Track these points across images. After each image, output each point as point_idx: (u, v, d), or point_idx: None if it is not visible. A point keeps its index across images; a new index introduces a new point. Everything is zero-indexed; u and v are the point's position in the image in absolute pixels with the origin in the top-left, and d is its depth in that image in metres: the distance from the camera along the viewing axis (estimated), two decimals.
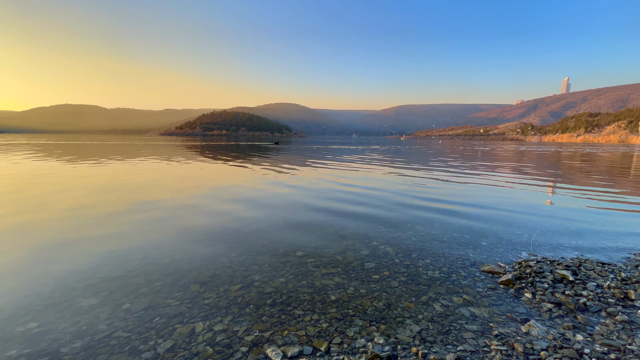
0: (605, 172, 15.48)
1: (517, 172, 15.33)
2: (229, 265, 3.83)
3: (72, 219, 5.73)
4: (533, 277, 3.53)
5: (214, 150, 30.99)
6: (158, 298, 3.06)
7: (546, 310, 2.90)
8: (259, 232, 5.15)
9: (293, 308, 2.92)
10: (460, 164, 19.43)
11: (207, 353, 2.32)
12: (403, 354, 2.31)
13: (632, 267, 3.85)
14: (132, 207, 6.72)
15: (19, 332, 2.50)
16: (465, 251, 4.40)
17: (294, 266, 3.84)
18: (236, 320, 2.71)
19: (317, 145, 48.79)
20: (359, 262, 3.97)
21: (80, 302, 2.96)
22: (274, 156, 24.37)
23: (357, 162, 20.11)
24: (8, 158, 18.48)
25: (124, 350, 2.33)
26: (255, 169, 14.72)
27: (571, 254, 4.32)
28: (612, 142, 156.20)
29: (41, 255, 4.07)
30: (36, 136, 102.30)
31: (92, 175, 11.51)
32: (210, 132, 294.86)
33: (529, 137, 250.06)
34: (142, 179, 10.83)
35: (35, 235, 4.82)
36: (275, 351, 2.32)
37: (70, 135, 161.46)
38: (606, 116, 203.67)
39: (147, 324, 2.64)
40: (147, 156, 22.01)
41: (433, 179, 12.26)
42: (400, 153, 32.00)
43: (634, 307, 2.95)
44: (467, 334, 2.55)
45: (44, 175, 11.15)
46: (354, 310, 2.89)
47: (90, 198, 7.59)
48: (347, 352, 2.34)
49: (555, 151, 42.08)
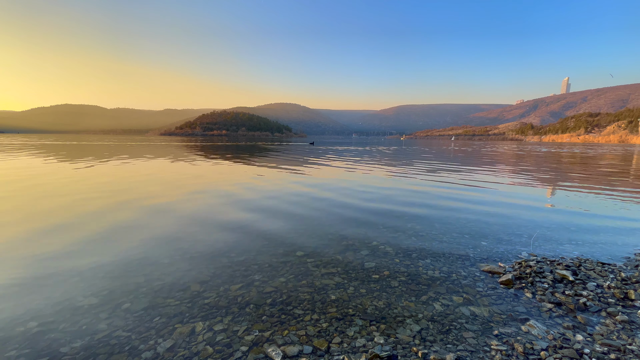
0: (606, 172, 15.48)
1: (517, 171, 15.33)
2: (229, 265, 3.83)
3: (70, 219, 5.73)
4: (533, 277, 3.53)
5: (222, 151, 30.98)
6: (158, 298, 3.06)
7: (546, 310, 2.90)
8: (260, 232, 5.15)
9: (293, 308, 2.92)
10: (461, 164, 19.43)
11: (207, 352, 2.32)
12: (403, 353, 2.31)
13: (632, 267, 3.85)
14: (132, 207, 6.72)
15: (19, 332, 2.50)
16: (465, 251, 4.40)
17: (294, 266, 3.84)
18: (236, 320, 2.71)
19: (322, 147, 48.53)
20: (359, 262, 3.97)
21: (80, 301, 2.96)
22: (289, 156, 24.37)
23: (358, 162, 20.10)
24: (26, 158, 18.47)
25: (124, 350, 2.32)
26: (270, 169, 14.72)
27: (571, 254, 4.32)
28: (612, 142, 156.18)
29: (41, 255, 4.07)
30: (40, 136, 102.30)
31: (92, 176, 11.51)
32: (210, 132, 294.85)
33: (528, 137, 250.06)
34: (142, 179, 10.83)
35: (36, 235, 4.83)
36: (275, 351, 2.32)
37: (71, 135, 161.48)
38: (606, 116, 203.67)
39: (147, 324, 2.64)
40: (148, 156, 22.00)
41: (433, 178, 12.26)
42: (407, 154, 32.01)
43: (634, 307, 2.95)
44: (467, 333, 2.55)
45: (45, 175, 11.16)
46: (354, 310, 2.89)
47: (91, 198, 7.59)
48: (347, 351, 2.34)
49: (555, 151, 42.09)
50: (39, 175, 11.23)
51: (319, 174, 13.11)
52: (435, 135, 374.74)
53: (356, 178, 12.11)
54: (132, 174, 12.05)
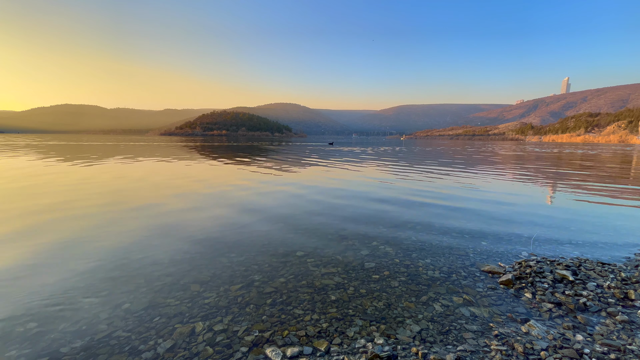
0: (606, 171, 15.47)
1: (517, 171, 15.33)
2: (228, 265, 3.82)
3: (70, 220, 5.73)
4: (533, 277, 3.53)
5: (228, 151, 30.98)
6: (158, 298, 3.06)
7: (546, 310, 2.90)
8: (259, 232, 5.15)
9: (293, 308, 2.92)
10: (461, 164, 19.43)
11: (207, 353, 2.32)
12: (403, 354, 2.31)
13: (632, 267, 3.85)
14: (131, 207, 6.72)
15: (19, 332, 2.50)
16: (465, 251, 4.40)
17: (294, 266, 3.84)
18: (236, 320, 2.71)
19: (343, 147, 48.10)
20: (359, 262, 3.97)
21: (80, 302, 2.96)
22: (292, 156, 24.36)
23: (361, 162, 20.10)
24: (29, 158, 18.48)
25: (124, 350, 2.33)
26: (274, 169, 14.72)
27: (571, 253, 4.32)
28: (612, 142, 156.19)
29: (41, 254, 4.07)
30: (42, 136, 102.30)
31: (92, 176, 11.51)
32: (210, 132, 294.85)
33: (528, 137, 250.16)
34: (141, 179, 10.82)
35: (36, 235, 4.83)
36: (275, 351, 2.32)
37: (72, 135, 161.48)
38: (606, 116, 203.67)
39: (147, 324, 2.64)
40: (150, 156, 22.01)
41: (433, 179, 12.26)
42: (407, 154, 31.99)
43: (634, 307, 2.95)
44: (467, 334, 2.55)
45: (42, 175, 11.16)
46: (354, 310, 2.89)
47: (90, 198, 7.59)
48: (347, 352, 2.33)
49: (555, 151, 42.07)
50: (55, 173, 11.25)
51: (322, 175, 13.11)
52: (435, 135, 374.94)
53: (356, 178, 12.11)
54: (130, 174, 12.06)
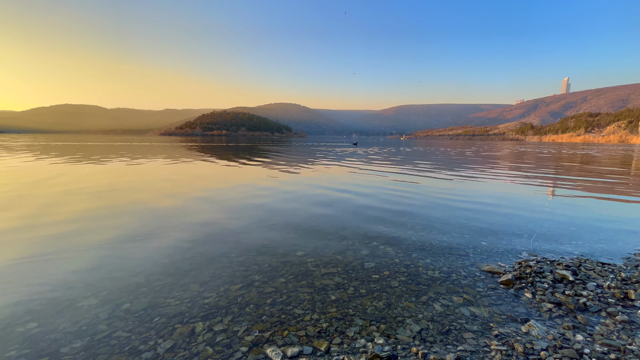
0: (606, 171, 15.47)
1: (517, 171, 15.33)
2: (228, 265, 3.82)
3: (70, 221, 5.73)
4: (533, 277, 3.53)
5: (233, 151, 30.97)
6: (158, 298, 3.06)
7: (546, 310, 2.90)
8: (260, 232, 5.15)
9: (293, 308, 2.92)
10: (461, 164, 19.43)
11: (207, 353, 2.32)
12: (403, 354, 2.31)
13: (632, 267, 3.85)
14: (131, 207, 6.72)
15: (19, 332, 2.50)
16: (465, 251, 4.40)
17: (294, 266, 3.84)
18: (236, 320, 2.71)
19: (368, 148, 47.38)
20: (359, 262, 3.97)
21: (80, 302, 2.96)
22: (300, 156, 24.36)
23: (361, 162, 20.10)
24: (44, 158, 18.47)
25: (124, 350, 2.32)
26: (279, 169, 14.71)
27: (571, 254, 4.32)
28: (612, 142, 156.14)
29: (41, 254, 4.07)
30: (43, 136, 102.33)
31: (93, 175, 11.51)
32: (210, 132, 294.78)
33: (528, 137, 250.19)
34: (141, 180, 10.83)
35: (35, 235, 4.83)
36: (275, 351, 2.32)
37: (72, 135, 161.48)
38: (606, 116, 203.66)
39: (147, 324, 2.64)
40: (151, 156, 22.01)
41: (433, 178, 12.26)
42: (408, 154, 31.99)
43: (634, 307, 2.95)
44: (467, 333, 2.55)
45: (38, 177, 11.16)
46: (354, 310, 2.89)
47: (90, 198, 7.59)
48: (347, 352, 2.33)
49: (555, 151, 42.06)
50: (61, 174, 11.25)
51: (325, 174, 13.11)
52: (435, 135, 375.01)
53: (355, 178, 12.11)
54: (128, 174, 12.06)
